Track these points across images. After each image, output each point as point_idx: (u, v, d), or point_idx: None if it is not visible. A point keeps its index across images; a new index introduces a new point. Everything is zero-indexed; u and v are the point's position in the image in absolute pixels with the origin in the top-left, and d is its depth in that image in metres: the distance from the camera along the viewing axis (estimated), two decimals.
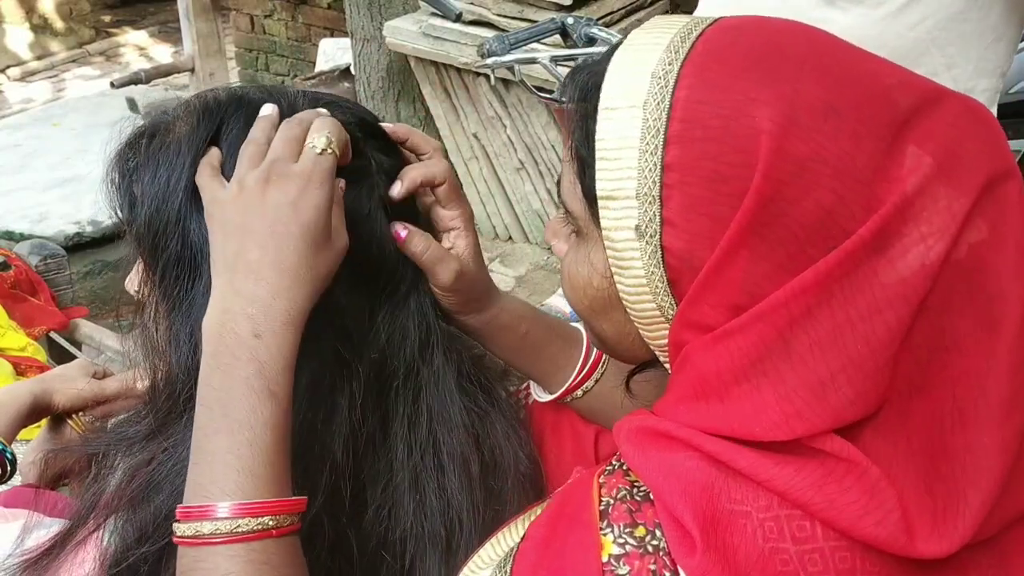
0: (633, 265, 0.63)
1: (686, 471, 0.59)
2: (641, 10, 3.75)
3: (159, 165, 0.76)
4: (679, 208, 0.60)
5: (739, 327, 0.59)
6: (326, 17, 5.17)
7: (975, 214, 0.58)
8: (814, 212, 0.57)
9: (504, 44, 2.22)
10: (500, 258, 3.80)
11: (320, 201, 0.71)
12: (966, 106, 0.61)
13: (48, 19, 6.95)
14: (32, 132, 4.47)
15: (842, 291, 0.57)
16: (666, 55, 0.62)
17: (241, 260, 0.69)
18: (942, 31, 1.41)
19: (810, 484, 0.57)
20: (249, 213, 0.70)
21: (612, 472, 0.64)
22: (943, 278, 0.57)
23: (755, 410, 0.58)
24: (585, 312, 0.72)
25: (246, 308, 0.67)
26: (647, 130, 0.61)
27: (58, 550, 0.76)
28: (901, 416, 0.59)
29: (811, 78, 0.59)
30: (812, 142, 0.57)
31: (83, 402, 1.03)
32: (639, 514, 0.60)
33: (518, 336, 0.90)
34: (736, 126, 0.58)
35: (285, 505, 0.67)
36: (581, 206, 0.67)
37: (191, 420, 0.69)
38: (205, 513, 0.65)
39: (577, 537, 0.61)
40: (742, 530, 0.57)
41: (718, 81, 0.60)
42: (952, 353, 0.58)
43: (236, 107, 0.78)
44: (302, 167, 0.72)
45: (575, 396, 0.94)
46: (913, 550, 0.57)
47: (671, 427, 0.62)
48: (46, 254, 3.22)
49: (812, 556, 0.57)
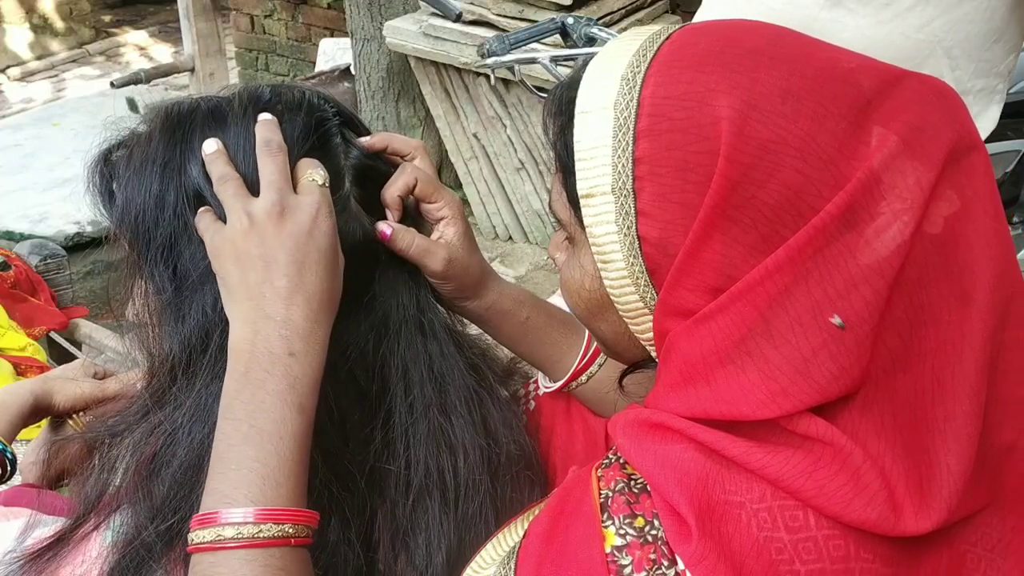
0: (615, 259, 0.66)
1: (681, 463, 0.61)
2: (641, 10, 3.76)
3: (132, 178, 0.80)
4: (651, 198, 0.63)
5: (718, 308, 0.61)
6: (326, 17, 5.17)
7: (943, 185, 0.60)
8: (781, 192, 0.60)
9: (504, 44, 2.22)
10: (500, 258, 3.80)
11: (330, 228, 0.75)
12: (927, 84, 0.64)
13: (48, 19, 6.94)
14: (32, 132, 4.47)
15: (817, 268, 0.59)
16: (634, 59, 0.66)
17: (268, 288, 0.72)
18: (948, 33, 1.42)
19: (801, 471, 0.59)
20: (267, 244, 0.72)
21: (609, 465, 0.65)
22: (920, 252, 0.59)
23: (742, 391, 0.60)
24: (582, 315, 0.74)
25: (280, 330, 0.71)
26: (618, 128, 0.64)
27: (60, 547, 0.76)
28: (887, 393, 0.60)
29: (768, 66, 0.62)
30: (773, 125, 0.60)
31: (84, 402, 1.03)
32: (637, 505, 0.62)
33: (519, 322, 0.93)
34: (698, 115, 0.62)
35: (303, 516, 0.69)
36: (568, 213, 0.70)
37: (189, 391, 0.74)
38: (228, 518, 0.66)
39: (579, 530, 0.62)
40: (736, 519, 0.59)
41: (681, 76, 0.63)
42: (929, 327, 0.60)
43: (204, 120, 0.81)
44: (310, 199, 0.75)
45: (580, 382, 0.95)
46: (903, 528, 0.58)
47: (665, 418, 0.63)
48: (46, 254, 3.22)
49: (806, 544, 0.58)
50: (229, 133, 0.79)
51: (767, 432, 0.60)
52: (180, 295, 0.78)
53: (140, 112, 0.85)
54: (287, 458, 0.69)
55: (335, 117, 0.84)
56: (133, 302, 0.82)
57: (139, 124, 0.83)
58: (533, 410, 0.99)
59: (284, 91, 0.83)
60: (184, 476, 0.74)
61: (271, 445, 0.68)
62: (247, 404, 0.69)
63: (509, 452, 0.87)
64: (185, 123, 0.80)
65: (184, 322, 0.78)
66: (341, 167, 0.83)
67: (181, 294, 0.78)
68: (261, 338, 0.70)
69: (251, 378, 0.70)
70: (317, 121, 0.82)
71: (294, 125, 0.80)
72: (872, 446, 0.60)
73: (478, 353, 0.92)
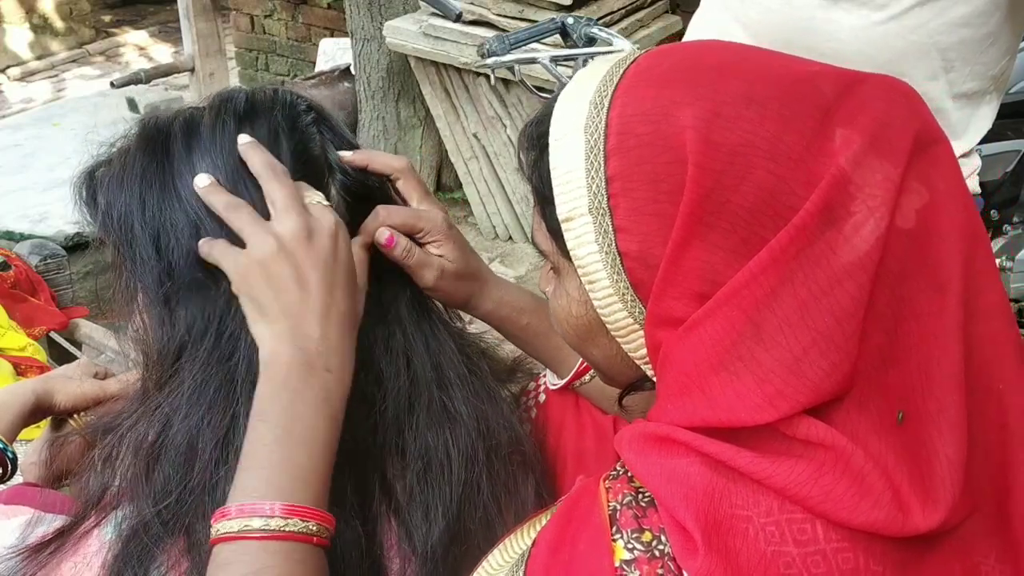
0: (599, 277, 0.67)
1: (687, 477, 0.61)
2: (641, 10, 3.76)
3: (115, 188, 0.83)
4: (627, 213, 0.65)
5: (707, 314, 0.62)
6: (326, 17, 5.16)
7: (910, 179, 0.61)
8: (756, 194, 0.61)
9: (504, 44, 2.22)
10: (500, 258, 3.81)
11: (349, 248, 0.80)
12: (886, 83, 0.65)
13: (48, 19, 6.94)
14: (32, 132, 4.45)
15: (801, 268, 0.59)
16: (601, 84, 0.68)
17: (304, 307, 0.75)
18: (944, 35, 1.43)
19: (807, 478, 0.59)
20: (300, 266, 0.75)
21: (617, 477, 0.65)
22: (897, 246, 0.60)
23: (738, 396, 0.60)
24: (574, 342, 0.76)
25: (316, 347, 0.74)
26: (589, 150, 0.66)
27: (61, 541, 0.77)
28: (880, 389, 0.61)
29: (731, 77, 0.64)
30: (739, 130, 0.62)
31: (85, 402, 1.03)
32: (645, 520, 0.62)
33: (519, 327, 0.96)
34: (663, 128, 0.63)
35: (326, 518, 0.72)
36: (550, 243, 0.72)
37: (185, 382, 0.77)
38: (257, 510, 0.69)
39: (587, 542, 0.62)
40: (744, 534, 0.59)
41: (645, 94, 0.66)
42: (912, 321, 0.61)
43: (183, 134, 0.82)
44: (328, 220, 0.78)
45: (583, 381, 0.97)
46: (913, 526, 0.58)
47: (670, 431, 0.63)
48: (46, 254, 3.22)
49: (815, 558, 0.58)
50: (203, 144, 0.81)
51: (769, 440, 0.60)
52: (168, 296, 0.80)
53: (140, 112, 0.86)
54: (317, 463, 0.72)
55: (313, 125, 0.85)
56: (125, 303, 0.84)
57: (121, 139, 0.86)
58: (543, 404, 1.01)
59: (260, 101, 0.85)
60: (182, 461, 0.76)
61: (303, 449, 0.72)
62: (283, 411, 0.72)
63: (499, 436, 0.88)
64: (161, 134, 0.83)
65: (174, 323, 0.80)
66: (326, 184, 0.84)
67: (169, 295, 0.80)
68: (299, 353, 0.74)
69: (288, 387, 0.73)
70: (299, 142, 0.83)
71: (279, 149, 0.82)
72: (873, 445, 0.60)
73: (477, 352, 0.93)
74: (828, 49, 1.45)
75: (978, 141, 1.58)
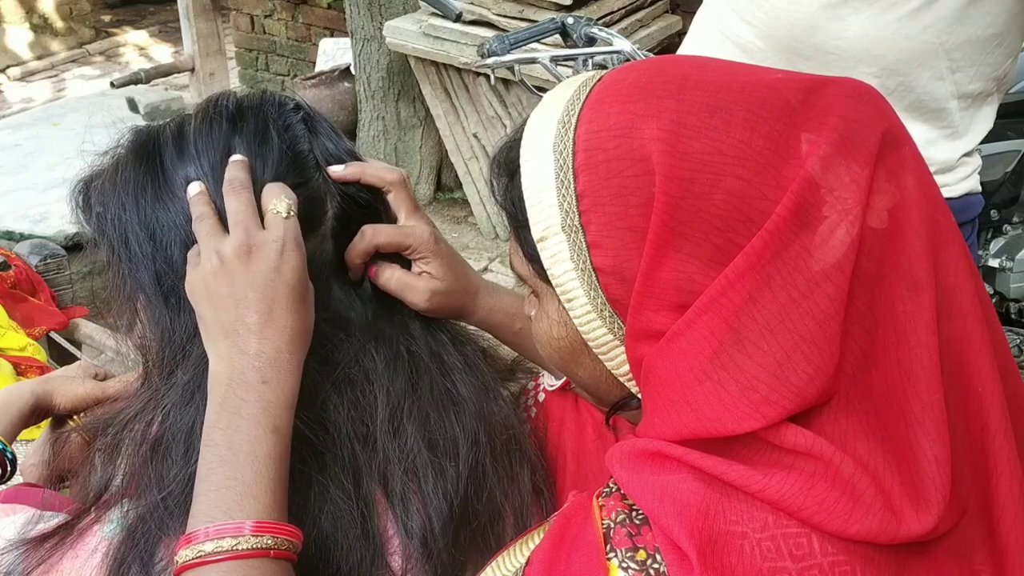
0: (577, 295, 0.67)
1: (680, 494, 0.60)
2: (641, 10, 3.76)
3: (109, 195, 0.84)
4: (599, 229, 0.65)
5: (686, 325, 0.61)
6: (326, 17, 5.16)
7: (879, 179, 0.61)
8: (727, 201, 0.61)
9: (504, 44, 2.22)
10: (500, 258, 3.81)
11: (298, 262, 0.77)
12: (849, 86, 0.65)
13: (48, 19, 6.94)
14: (32, 132, 4.45)
15: (778, 272, 0.59)
16: (568, 104, 0.69)
17: (241, 325, 0.74)
18: (951, 35, 1.43)
19: (799, 489, 0.58)
20: (237, 284, 0.75)
21: (610, 494, 0.65)
22: (872, 246, 0.60)
23: (723, 406, 0.60)
24: (558, 363, 0.76)
25: (253, 363, 0.74)
26: (559, 168, 0.66)
27: (61, 535, 0.77)
28: (864, 391, 0.61)
29: (694, 88, 0.64)
30: (705, 138, 0.62)
31: (85, 403, 1.04)
32: (639, 538, 0.61)
33: (512, 332, 0.96)
34: (629, 141, 0.63)
35: (284, 530, 0.71)
36: (527, 268, 0.72)
37: (182, 374, 0.78)
38: (208, 534, 0.68)
39: (582, 561, 0.62)
40: (739, 550, 0.58)
41: (610, 110, 0.66)
42: (889, 320, 0.61)
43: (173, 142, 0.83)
44: (275, 234, 0.77)
45: None
46: (908, 531, 0.58)
47: (661, 446, 0.63)
48: (46, 254, 3.22)
49: (811, 572, 0.58)
50: (195, 147, 0.82)
51: (759, 451, 0.60)
52: (166, 295, 0.81)
53: (140, 112, 0.86)
54: (263, 475, 0.71)
55: (301, 123, 0.85)
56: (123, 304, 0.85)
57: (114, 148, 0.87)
58: (543, 403, 1.00)
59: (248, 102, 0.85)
60: (183, 452, 0.77)
61: (247, 464, 0.71)
62: (224, 430, 0.72)
63: (498, 426, 0.88)
64: (152, 140, 0.84)
65: (171, 321, 0.81)
66: (318, 191, 0.84)
67: (167, 295, 0.81)
68: (236, 371, 0.73)
69: (227, 406, 0.73)
70: (291, 152, 0.84)
71: (265, 161, 0.82)
72: (861, 450, 0.59)
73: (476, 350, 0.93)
74: (836, 48, 1.44)
75: (979, 141, 1.58)
